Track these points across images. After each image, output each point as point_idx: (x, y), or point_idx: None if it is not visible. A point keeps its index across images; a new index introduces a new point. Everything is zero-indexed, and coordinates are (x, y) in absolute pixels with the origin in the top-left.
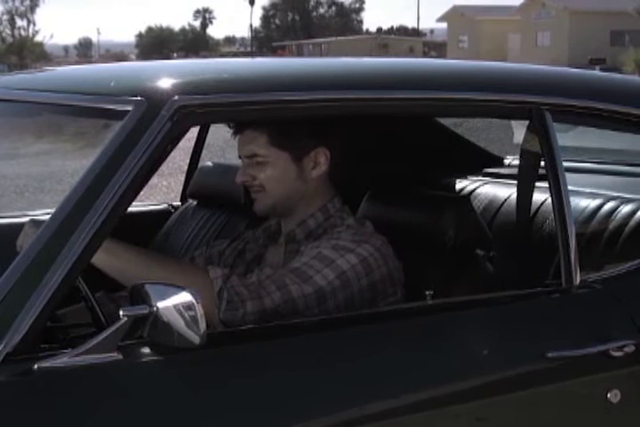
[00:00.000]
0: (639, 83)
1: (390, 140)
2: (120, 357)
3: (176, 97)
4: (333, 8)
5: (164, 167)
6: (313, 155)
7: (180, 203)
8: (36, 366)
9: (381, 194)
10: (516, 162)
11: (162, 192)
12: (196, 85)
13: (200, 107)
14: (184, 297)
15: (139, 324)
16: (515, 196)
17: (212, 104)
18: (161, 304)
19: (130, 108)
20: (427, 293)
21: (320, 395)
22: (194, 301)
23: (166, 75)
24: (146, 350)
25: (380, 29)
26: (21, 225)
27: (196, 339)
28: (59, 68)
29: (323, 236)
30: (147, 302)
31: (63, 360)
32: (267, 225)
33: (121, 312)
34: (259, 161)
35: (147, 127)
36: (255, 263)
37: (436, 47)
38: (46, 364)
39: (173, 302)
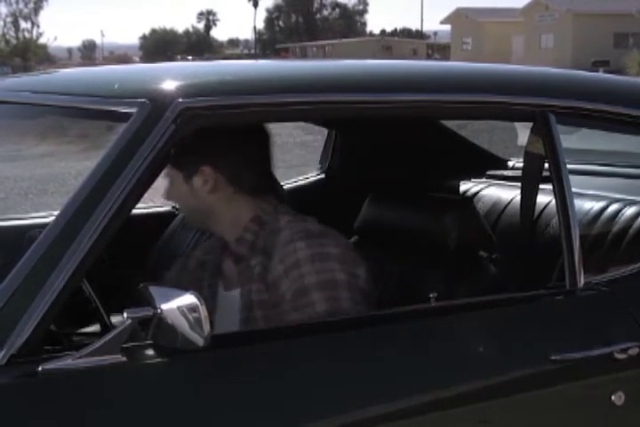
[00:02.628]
0: None
1: (394, 143)
2: (124, 359)
3: (180, 99)
4: (337, 10)
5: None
6: (200, 173)
7: None
8: (40, 368)
9: (384, 197)
10: (520, 164)
11: None
12: (199, 88)
13: (204, 109)
14: (188, 299)
15: (143, 326)
16: (518, 198)
17: (216, 106)
18: (165, 306)
19: (134, 110)
20: (430, 295)
21: (322, 396)
22: (198, 303)
23: (170, 77)
24: (150, 352)
25: (383, 31)
26: (25, 227)
27: (200, 341)
28: (62, 71)
29: (272, 250)
30: (151, 304)
31: (67, 362)
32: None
33: (125, 314)
34: (169, 181)
35: (151, 129)
36: (216, 275)
37: (439, 49)
38: (50, 366)
39: (177, 304)
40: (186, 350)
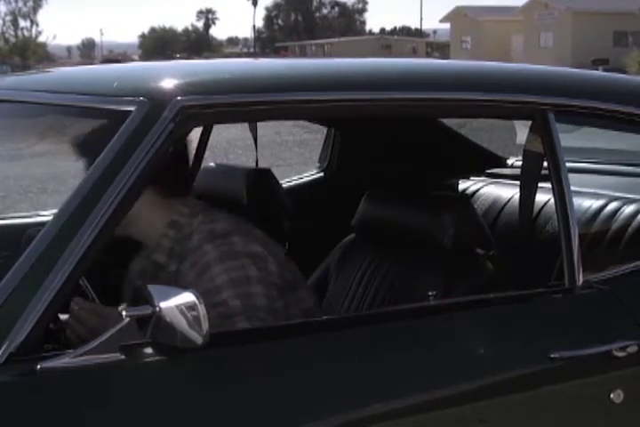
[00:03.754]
0: None
1: (393, 141)
2: (122, 357)
3: (178, 97)
4: (336, 9)
5: None
6: None
7: None
8: (38, 367)
9: (381, 194)
10: (519, 162)
11: None
12: (198, 86)
13: (203, 107)
14: (186, 297)
15: (141, 324)
16: (517, 196)
17: (215, 104)
18: (164, 304)
19: (132, 108)
20: (430, 293)
21: (321, 395)
22: (196, 301)
23: (169, 75)
24: (148, 350)
25: (382, 30)
26: (24, 226)
27: (198, 339)
28: (62, 69)
29: (186, 255)
30: (149, 302)
31: (66, 360)
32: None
33: (124, 313)
34: None
35: (149, 128)
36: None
37: (438, 48)
38: (49, 364)
39: (176, 303)
40: (184, 349)
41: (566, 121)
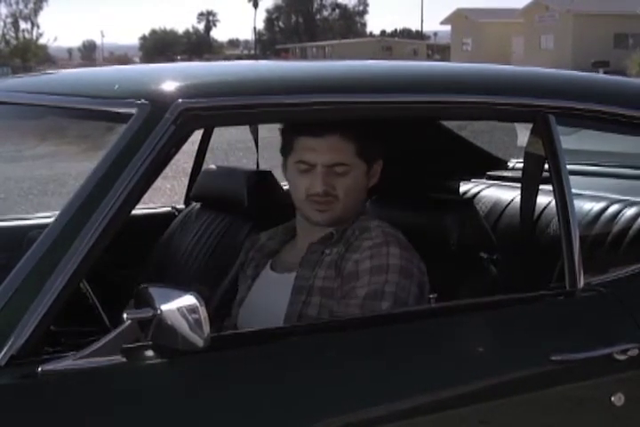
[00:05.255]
0: None
1: (394, 144)
2: (124, 359)
3: (180, 100)
4: (337, 11)
5: (167, 170)
6: (376, 166)
7: (183, 206)
8: (40, 369)
9: (386, 197)
10: (520, 165)
11: (166, 195)
12: (199, 88)
13: (204, 110)
14: (188, 300)
15: (142, 327)
16: (518, 198)
17: (216, 107)
18: (165, 307)
19: (134, 111)
20: (430, 296)
21: (323, 397)
22: (197, 304)
23: (170, 78)
24: (149, 352)
25: (383, 32)
26: (25, 228)
27: (199, 342)
28: (63, 71)
29: (357, 244)
30: (151, 304)
31: (67, 363)
32: (289, 225)
33: (124, 315)
34: (340, 171)
35: (150, 130)
36: (267, 257)
37: (439, 50)
38: (50, 366)
39: (177, 305)
40: (186, 351)
41: (567, 123)
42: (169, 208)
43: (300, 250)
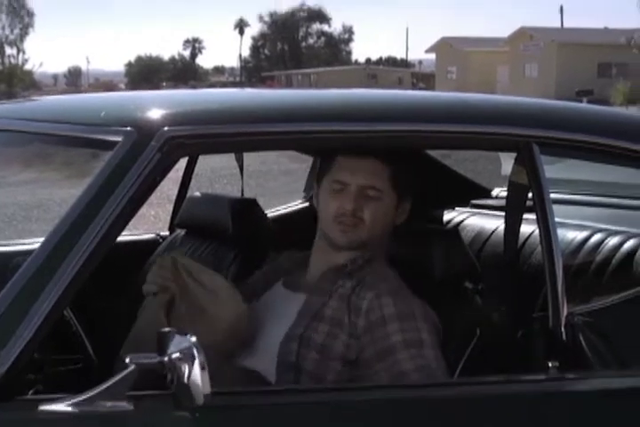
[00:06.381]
0: (626, 116)
1: None
2: (127, 405)
3: (165, 128)
4: (322, 39)
5: (152, 197)
6: (407, 201)
7: (168, 233)
8: (39, 409)
9: None
10: (504, 193)
11: (150, 222)
12: (185, 116)
13: (189, 138)
14: (191, 349)
15: (146, 373)
16: (502, 227)
17: (202, 135)
18: (170, 355)
19: (120, 138)
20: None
21: None
22: (204, 360)
23: (156, 105)
24: (153, 400)
25: (368, 60)
26: (9, 254)
27: (200, 398)
28: (49, 98)
29: (372, 282)
30: (157, 350)
31: (68, 404)
32: (295, 255)
33: (127, 359)
34: (371, 195)
35: (136, 158)
36: (282, 274)
37: (424, 78)
38: (49, 407)
39: (181, 355)
40: (189, 401)
41: (551, 153)
42: (153, 235)
43: (313, 273)
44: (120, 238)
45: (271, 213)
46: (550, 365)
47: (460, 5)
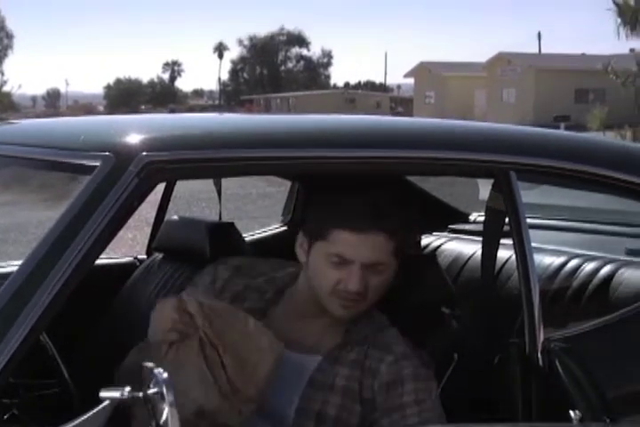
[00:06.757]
0: (602, 142)
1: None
2: None
3: (144, 153)
4: (301, 62)
5: (130, 220)
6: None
7: (145, 256)
8: None
9: None
10: (482, 218)
11: (127, 245)
12: (164, 141)
13: (168, 163)
14: (162, 387)
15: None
16: (480, 252)
17: (180, 160)
18: (139, 393)
19: (98, 163)
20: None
21: None
22: (168, 392)
23: (135, 130)
24: None
25: (347, 84)
26: None
27: None
28: (28, 121)
29: (376, 344)
30: (132, 386)
31: None
32: (275, 280)
33: (101, 393)
34: (378, 269)
35: (114, 183)
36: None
37: (402, 102)
38: None
39: (153, 391)
40: None
41: (527, 179)
42: (131, 258)
43: (312, 333)
44: (97, 261)
45: (249, 236)
46: (573, 415)
47: (439, 30)
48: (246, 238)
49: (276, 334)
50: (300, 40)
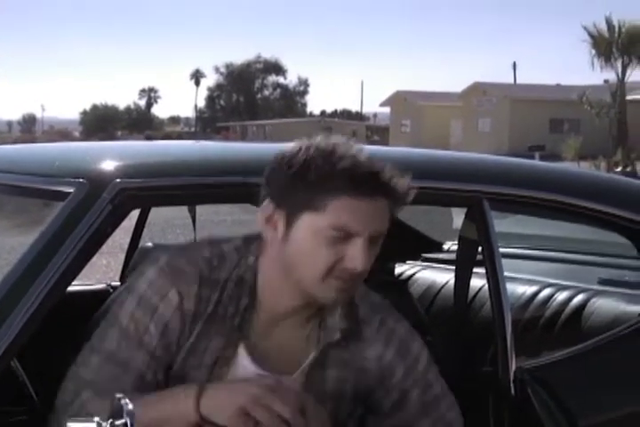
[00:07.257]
0: (575, 172)
1: None
2: None
3: (117, 180)
4: (278, 90)
5: (104, 246)
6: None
7: (119, 283)
8: None
9: None
10: (455, 247)
11: (101, 271)
12: (138, 168)
13: (141, 190)
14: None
15: None
16: (453, 281)
17: (154, 187)
18: (113, 422)
19: (72, 189)
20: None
21: None
22: (130, 422)
23: (109, 157)
24: None
25: (323, 112)
26: None
27: None
28: (3, 147)
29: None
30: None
31: None
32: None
33: (68, 424)
34: (377, 243)
35: (88, 209)
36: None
37: (378, 131)
38: None
39: (121, 422)
40: None
41: (501, 209)
42: (104, 285)
43: (289, 344)
44: (70, 288)
45: None
46: None
47: (416, 59)
48: None
49: (257, 356)
50: (277, 68)
